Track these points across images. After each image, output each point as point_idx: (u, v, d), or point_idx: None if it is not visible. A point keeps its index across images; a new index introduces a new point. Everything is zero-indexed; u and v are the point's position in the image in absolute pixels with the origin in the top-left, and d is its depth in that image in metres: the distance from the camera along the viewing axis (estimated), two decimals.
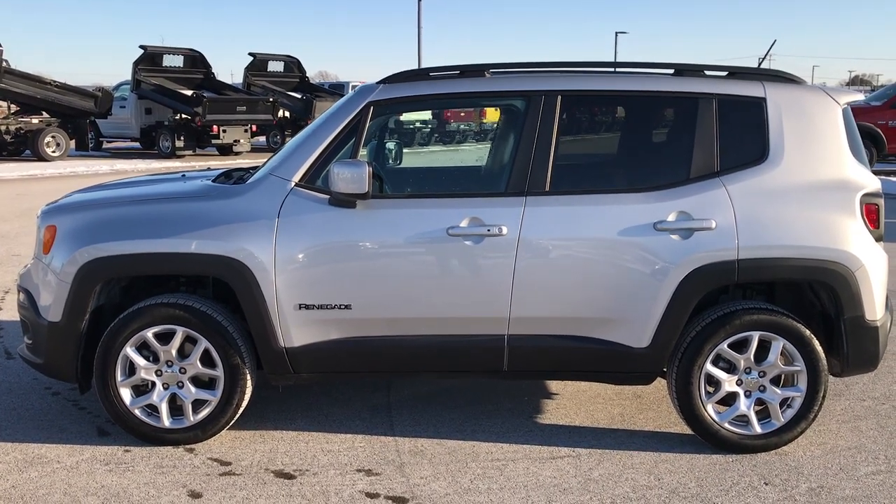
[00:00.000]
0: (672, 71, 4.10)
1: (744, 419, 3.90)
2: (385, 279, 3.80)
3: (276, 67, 25.81)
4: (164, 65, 22.76)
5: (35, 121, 20.77)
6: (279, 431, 4.15)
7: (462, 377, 4.75)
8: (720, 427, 3.88)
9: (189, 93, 21.99)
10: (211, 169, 5.09)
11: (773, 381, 3.88)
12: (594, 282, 3.80)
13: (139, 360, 3.87)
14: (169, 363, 3.89)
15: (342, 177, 3.68)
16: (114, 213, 3.94)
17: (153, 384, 3.91)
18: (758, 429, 3.88)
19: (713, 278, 3.78)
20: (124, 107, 23.00)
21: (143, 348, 3.90)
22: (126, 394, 3.90)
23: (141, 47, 22.06)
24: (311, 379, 3.98)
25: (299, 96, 24.89)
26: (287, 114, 24.94)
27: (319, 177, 3.88)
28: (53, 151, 20.32)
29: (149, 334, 3.84)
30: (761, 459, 3.84)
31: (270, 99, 23.39)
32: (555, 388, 4.77)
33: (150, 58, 22.40)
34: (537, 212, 3.81)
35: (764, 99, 3.93)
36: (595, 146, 4.63)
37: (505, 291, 3.80)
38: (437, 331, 3.87)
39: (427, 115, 22.09)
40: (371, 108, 3.94)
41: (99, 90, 21.70)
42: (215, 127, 21.92)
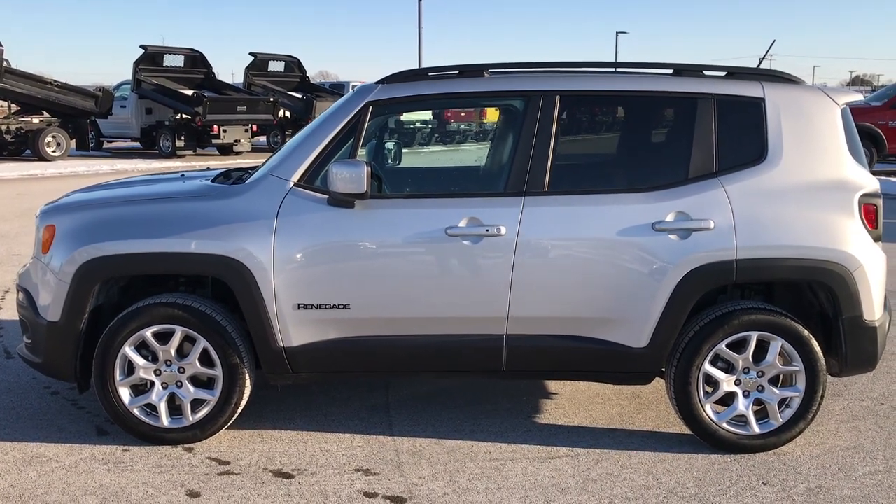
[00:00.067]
0: (671, 71, 4.10)
1: (742, 419, 3.90)
2: (384, 279, 3.81)
3: (277, 67, 25.82)
4: (165, 64, 22.77)
5: (35, 120, 20.79)
6: (278, 431, 4.16)
7: (460, 377, 4.75)
8: (718, 427, 3.88)
9: (189, 92, 22.00)
10: (210, 169, 5.09)
11: (772, 382, 3.89)
12: (592, 282, 3.80)
13: (138, 360, 3.87)
14: (168, 363, 3.90)
15: (341, 177, 3.68)
16: (113, 213, 3.95)
17: (152, 384, 3.92)
18: (756, 429, 3.88)
19: (711, 278, 3.78)
20: (125, 106, 23.03)
21: (142, 348, 3.90)
22: (125, 393, 3.90)
23: (141, 47, 22.08)
24: (310, 379, 3.98)
25: (300, 96, 24.88)
26: (288, 114, 24.93)
27: (318, 177, 3.88)
28: (54, 151, 20.34)
29: (148, 334, 3.85)
30: (759, 459, 3.84)
31: (271, 99, 23.39)
32: (553, 388, 4.77)
33: (151, 57, 22.41)
34: (536, 212, 3.81)
35: (763, 99, 3.93)
36: (594, 146, 4.63)
37: (503, 291, 3.81)
38: (436, 331, 3.87)
39: (427, 115, 22.12)
40: (370, 108, 3.95)
41: (99, 90, 21.73)
42: (216, 127, 21.92)
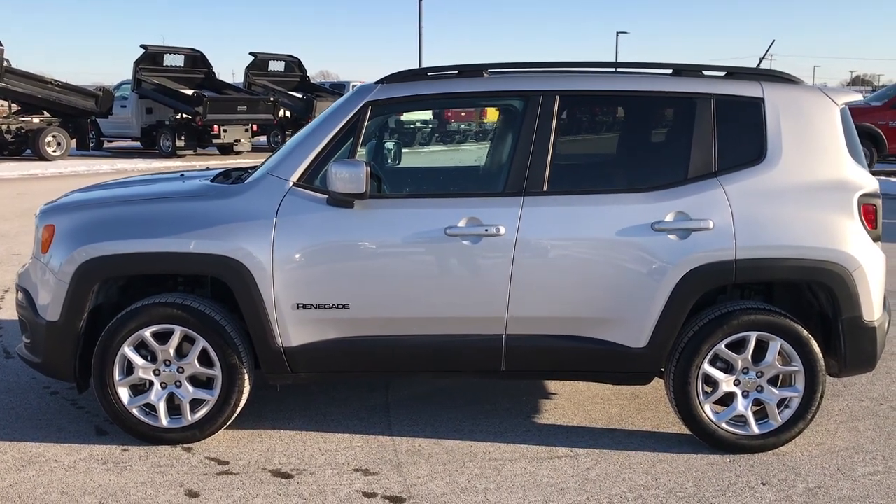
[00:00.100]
0: (670, 71, 4.10)
1: (741, 419, 3.90)
2: (383, 279, 3.81)
3: (277, 67, 25.81)
4: (165, 64, 22.75)
5: (36, 120, 20.79)
6: (277, 431, 4.16)
7: (460, 377, 4.74)
8: (718, 427, 3.88)
9: (190, 92, 21.99)
10: (210, 168, 5.09)
11: (771, 382, 3.89)
12: (592, 282, 3.80)
13: (137, 360, 3.87)
14: (167, 362, 3.90)
15: (340, 176, 3.68)
16: (112, 213, 3.95)
17: (151, 383, 3.92)
18: (755, 429, 3.88)
19: (711, 278, 3.78)
20: (125, 106, 23.02)
21: (141, 347, 3.90)
22: (124, 393, 3.90)
23: (142, 47, 22.07)
24: (309, 378, 3.98)
25: (300, 96, 24.88)
26: (288, 113, 24.92)
27: (317, 176, 3.88)
28: (54, 151, 20.34)
29: (147, 334, 3.85)
30: (759, 460, 3.84)
31: (271, 98, 23.38)
32: (553, 388, 4.77)
33: (151, 57, 22.40)
34: (535, 212, 3.81)
35: (762, 99, 3.93)
36: (593, 146, 4.63)
37: (502, 291, 3.81)
38: (435, 330, 3.87)
39: (428, 115, 22.07)
40: (369, 108, 3.94)
41: (100, 90, 21.74)
42: (216, 126, 21.92)
